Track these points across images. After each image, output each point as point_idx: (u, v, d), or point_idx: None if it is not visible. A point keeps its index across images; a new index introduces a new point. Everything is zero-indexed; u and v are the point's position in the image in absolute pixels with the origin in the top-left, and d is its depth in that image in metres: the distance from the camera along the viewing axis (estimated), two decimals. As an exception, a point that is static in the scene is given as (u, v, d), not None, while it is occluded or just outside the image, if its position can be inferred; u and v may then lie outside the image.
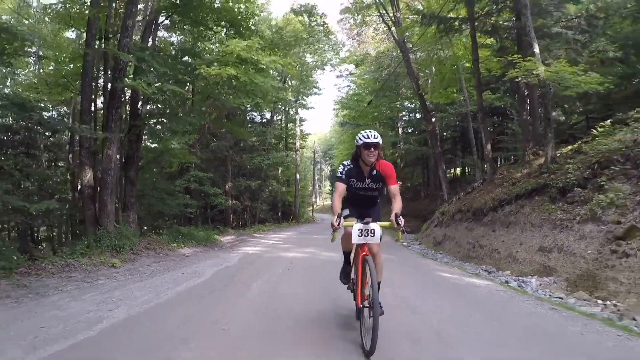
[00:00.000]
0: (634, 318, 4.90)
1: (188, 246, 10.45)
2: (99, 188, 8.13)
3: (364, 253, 3.51)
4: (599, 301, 5.86)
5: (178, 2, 9.89)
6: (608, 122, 10.30)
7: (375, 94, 28.40)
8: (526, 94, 14.04)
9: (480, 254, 10.55)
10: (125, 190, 9.55)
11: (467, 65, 17.75)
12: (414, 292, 5.76)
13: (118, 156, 8.90)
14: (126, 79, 8.25)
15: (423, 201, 28.02)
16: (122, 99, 8.91)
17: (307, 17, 17.65)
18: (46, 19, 12.02)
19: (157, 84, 8.60)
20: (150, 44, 10.33)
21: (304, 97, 33.21)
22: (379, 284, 3.44)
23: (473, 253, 11.04)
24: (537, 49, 10.90)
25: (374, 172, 3.74)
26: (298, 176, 34.87)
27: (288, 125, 34.12)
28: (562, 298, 6.15)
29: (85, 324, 3.78)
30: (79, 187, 8.78)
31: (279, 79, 21.24)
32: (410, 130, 32.45)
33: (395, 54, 23.92)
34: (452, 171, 30.42)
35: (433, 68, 21.59)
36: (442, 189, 19.40)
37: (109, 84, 8.90)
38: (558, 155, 10.88)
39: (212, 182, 19.56)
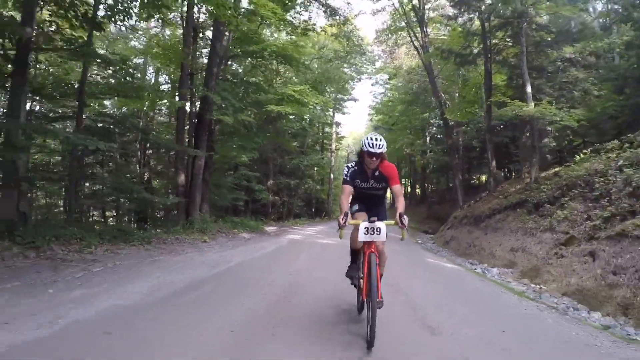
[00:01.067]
0: (541, 292, 7.65)
1: (245, 232, 13.76)
2: (189, 187, 11.52)
3: (370, 251, 3.64)
4: (533, 285, 8.47)
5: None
6: (588, 150, 12.77)
7: (405, 105, 31.08)
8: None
9: (472, 252, 13.23)
10: (202, 188, 12.95)
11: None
12: (406, 273, 8.61)
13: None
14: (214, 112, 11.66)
15: (446, 205, 30.32)
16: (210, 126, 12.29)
17: (346, 40, 20.59)
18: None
19: (234, 115, 11.92)
20: (221, 76, 13.61)
21: (340, 102, 36.08)
22: (381, 276, 3.74)
23: (468, 251, 13.72)
24: (529, 89, 13.48)
25: (377, 173, 3.93)
26: (332, 176, 37.62)
27: (325, 129, 37.14)
28: (509, 282, 8.84)
29: (224, 263, 7.21)
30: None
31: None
32: (436, 140, 34.70)
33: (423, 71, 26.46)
34: (479, 178, 32.34)
35: (456, 90, 24.06)
36: (458, 196, 21.90)
37: (194, 114, 12.30)
38: (542, 175, 13.40)
39: (257, 179, 22.89)
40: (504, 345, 3.74)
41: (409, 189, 47.20)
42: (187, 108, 11.05)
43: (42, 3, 7.54)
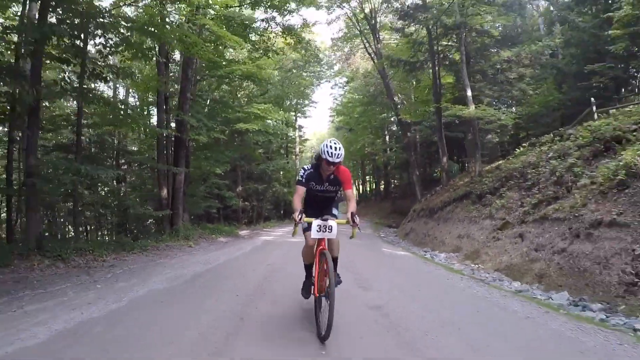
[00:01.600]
0: (477, 270, 9.24)
1: (222, 236, 14.87)
2: (171, 200, 12.54)
3: (322, 247, 3.88)
4: (473, 265, 10.06)
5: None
6: (526, 144, 14.62)
7: (364, 106, 32.77)
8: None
9: (427, 241, 14.87)
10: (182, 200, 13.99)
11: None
12: (364, 262, 10.04)
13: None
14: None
15: (408, 200, 32.15)
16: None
17: (304, 50, 21.92)
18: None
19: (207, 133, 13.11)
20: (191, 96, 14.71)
21: (301, 107, 37.40)
22: (336, 258, 4.06)
23: (423, 240, 15.36)
24: (469, 93, 15.26)
25: (332, 177, 4.09)
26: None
27: (288, 133, 38.31)
28: (454, 264, 10.40)
29: (213, 261, 8.51)
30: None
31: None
32: (396, 138, 36.62)
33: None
34: (438, 172, 34.38)
35: (411, 91, 25.90)
36: (416, 191, 23.67)
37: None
38: (486, 169, 15.21)
39: (227, 187, 23.84)
40: (420, 298, 5.37)
41: (374, 186, 49.15)
42: (165, 132, 12.11)
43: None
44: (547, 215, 8.78)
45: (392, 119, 35.53)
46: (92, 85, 12.61)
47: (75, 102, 10.61)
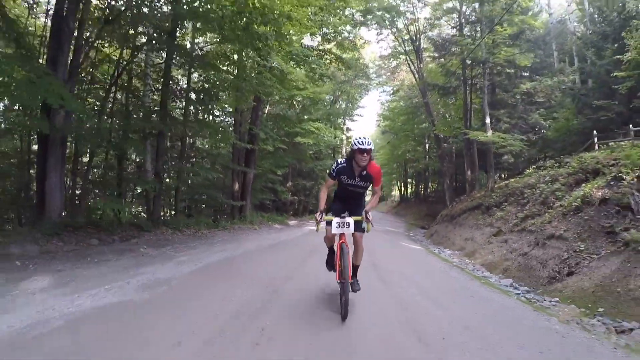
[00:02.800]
0: (468, 264, 12.34)
1: (276, 224, 18.69)
2: (241, 192, 16.52)
3: (342, 241, 4.32)
4: (467, 260, 13.07)
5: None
6: (533, 167, 17.28)
7: (407, 116, 35.63)
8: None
9: (443, 241, 17.87)
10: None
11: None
12: (382, 251, 13.38)
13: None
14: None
15: (440, 204, 34.74)
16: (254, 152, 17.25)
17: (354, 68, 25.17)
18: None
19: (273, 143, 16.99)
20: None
21: (350, 112, 40.72)
22: (357, 266, 4.64)
23: (441, 240, 18.34)
24: (488, 121, 18.08)
25: (364, 173, 4.39)
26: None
27: (337, 134, 41.77)
28: (454, 259, 13.47)
29: (277, 238, 12.43)
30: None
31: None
32: (434, 148, 39.14)
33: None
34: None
35: (441, 109, 28.65)
36: (446, 198, 26.49)
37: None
38: (498, 185, 17.98)
39: (280, 182, 27.67)
40: (416, 278, 8.48)
41: (413, 189, 51.68)
42: (244, 145, 15.96)
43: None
44: (525, 227, 11.62)
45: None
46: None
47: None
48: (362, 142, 4.23)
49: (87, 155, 12.51)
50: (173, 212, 14.49)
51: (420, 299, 5.68)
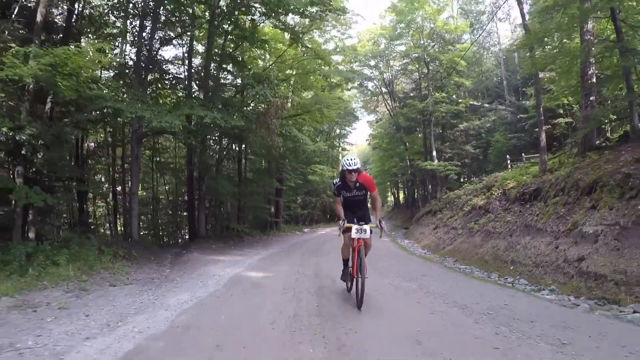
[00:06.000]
0: (412, 246, 21.32)
1: (297, 232, 27.58)
2: (277, 211, 25.48)
3: (359, 244, 5.25)
4: (416, 244, 22.05)
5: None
6: (467, 183, 26.25)
7: (389, 138, 44.64)
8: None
9: (409, 235, 26.61)
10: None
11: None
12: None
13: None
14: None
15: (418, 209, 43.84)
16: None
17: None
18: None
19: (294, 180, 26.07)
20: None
21: (344, 136, 49.76)
22: (365, 255, 5.35)
23: (408, 235, 27.11)
24: (434, 153, 27.02)
25: (358, 184, 5.43)
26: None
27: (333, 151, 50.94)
28: (411, 247, 22.34)
29: (302, 239, 21.14)
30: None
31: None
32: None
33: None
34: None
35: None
36: (419, 205, 35.32)
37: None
38: (444, 197, 26.85)
39: (292, 200, 36.62)
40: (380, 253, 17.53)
41: (399, 197, 60.58)
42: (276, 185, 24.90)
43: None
44: (447, 223, 20.43)
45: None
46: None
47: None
48: (349, 163, 5.26)
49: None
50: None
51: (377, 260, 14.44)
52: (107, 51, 11.25)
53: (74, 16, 12.72)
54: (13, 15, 9.26)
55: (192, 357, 3.66)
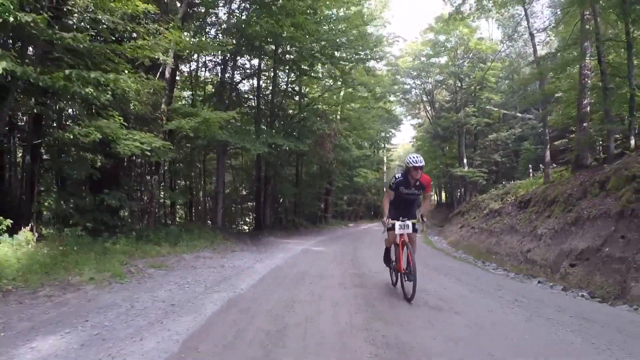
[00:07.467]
0: (440, 242, 25.37)
1: (342, 226, 32.15)
2: (325, 208, 30.20)
3: (403, 239, 5.54)
4: (444, 240, 26.00)
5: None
6: (493, 188, 29.78)
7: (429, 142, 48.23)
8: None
9: (441, 233, 30.52)
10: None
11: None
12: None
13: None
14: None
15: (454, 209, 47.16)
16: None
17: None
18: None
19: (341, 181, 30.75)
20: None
21: (389, 138, 53.65)
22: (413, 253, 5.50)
23: (440, 233, 31.03)
24: (465, 161, 30.65)
25: (418, 183, 5.58)
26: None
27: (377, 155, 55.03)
28: (440, 244, 26.29)
29: (347, 231, 25.70)
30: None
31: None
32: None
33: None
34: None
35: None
36: (455, 205, 38.84)
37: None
38: (473, 199, 30.41)
39: (339, 197, 41.26)
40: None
41: (441, 197, 63.60)
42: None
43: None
44: (469, 223, 24.35)
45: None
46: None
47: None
48: (415, 161, 5.44)
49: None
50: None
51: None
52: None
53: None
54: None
55: (303, 265, 9.24)
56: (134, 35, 9.53)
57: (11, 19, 6.12)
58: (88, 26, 8.02)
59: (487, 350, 3.66)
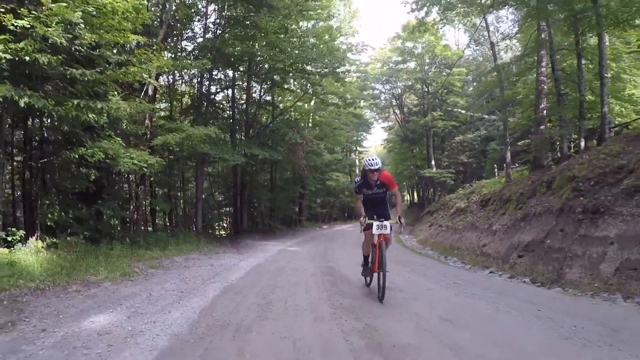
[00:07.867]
0: (409, 240, 27.13)
1: (317, 228, 33.52)
2: (299, 212, 31.58)
3: (380, 240, 5.52)
4: (414, 239, 27.76)
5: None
6: (460, 188, 31.77)
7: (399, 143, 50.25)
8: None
9: (412, 231, 32.30)
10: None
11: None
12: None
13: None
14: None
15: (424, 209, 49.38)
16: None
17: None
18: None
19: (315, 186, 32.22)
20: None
21: (360, 141, 55.47)
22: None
23: (412, 232, 32.81)
24: (433, 162, 32.57)
25: (378, 182, 5.70)
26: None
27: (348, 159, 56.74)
28: (409, 240, 28.03)
29: (322, 233, 27.05)
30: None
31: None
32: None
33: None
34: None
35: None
36: (424, 204, 40.83)
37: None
38: (441, 199, 32.35)
39: (313, 201, 42.64)
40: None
41: (413, 197, 65.77)
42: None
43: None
44: (437, 222, 26.08)
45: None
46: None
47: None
48: (371, 163, 5.55)
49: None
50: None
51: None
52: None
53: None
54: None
55: (281, 262, 10.56)
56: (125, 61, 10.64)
57: (27, 58, 7.29)
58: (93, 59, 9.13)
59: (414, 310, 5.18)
